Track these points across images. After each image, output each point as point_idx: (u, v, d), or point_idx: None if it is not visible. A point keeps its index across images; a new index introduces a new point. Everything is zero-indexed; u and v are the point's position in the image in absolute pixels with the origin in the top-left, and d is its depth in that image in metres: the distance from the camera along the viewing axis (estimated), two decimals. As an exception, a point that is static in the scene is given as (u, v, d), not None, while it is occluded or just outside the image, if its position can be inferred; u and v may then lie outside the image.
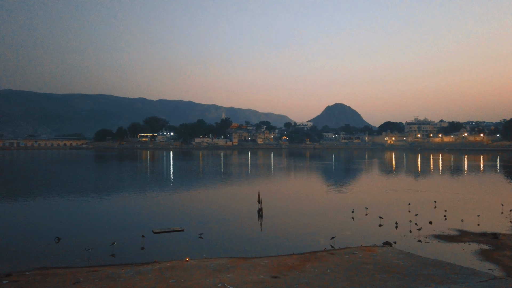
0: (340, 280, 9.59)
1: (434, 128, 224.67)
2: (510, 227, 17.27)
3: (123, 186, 34.93)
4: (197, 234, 16.21)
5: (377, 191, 31.16)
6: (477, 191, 31.53)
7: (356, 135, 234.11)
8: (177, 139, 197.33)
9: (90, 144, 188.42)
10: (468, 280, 9.31)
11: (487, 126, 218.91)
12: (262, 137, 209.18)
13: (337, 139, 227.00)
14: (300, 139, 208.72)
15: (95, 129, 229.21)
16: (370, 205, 22.36)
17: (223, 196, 29.07)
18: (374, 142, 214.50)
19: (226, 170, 53.92)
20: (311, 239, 15.63)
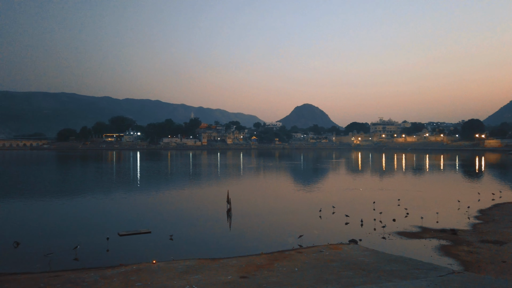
0: (308, 278, 9.74)
1: (398, 129, 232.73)
2: (467, 223, 18.16)
3: (87, 188, 33.81)
4: (165, 236, 15.96)
5: (343, 190, 31.89)
6: (437, 189, 32.95)
7: (324, 135, 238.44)
8: (145, 139, 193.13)
9: (52, 144, 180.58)
10: (428, 275, 9.70)
11: (447, 127, 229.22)
12: (231, 137, 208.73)
13: (305, 139, 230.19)
14: (269, 139, 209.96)
15: (58, 129, 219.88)
16: (337, 204, 22.84)
17: (192, 197, 28.78)
18: (341, 142, 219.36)
19: (195, 171, 53.40)
20: (280, 238, 15.78)
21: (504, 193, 28.35)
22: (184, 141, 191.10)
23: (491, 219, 18.58)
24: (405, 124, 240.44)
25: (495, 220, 18.42)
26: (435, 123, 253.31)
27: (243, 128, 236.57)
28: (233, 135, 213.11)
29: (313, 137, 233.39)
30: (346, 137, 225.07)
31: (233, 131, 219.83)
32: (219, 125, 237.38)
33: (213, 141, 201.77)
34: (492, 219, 18.58)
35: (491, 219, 18.72)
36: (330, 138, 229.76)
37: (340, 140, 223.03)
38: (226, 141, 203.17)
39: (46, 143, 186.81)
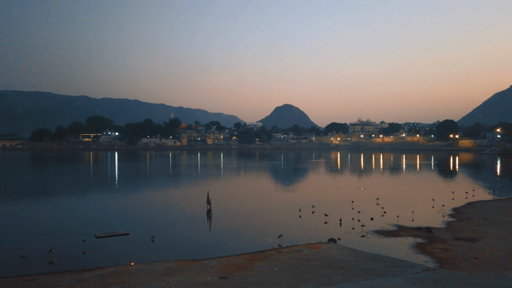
0: (287, 278, 9.80)
1: (376, 129, 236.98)
2: (442, 221, 18.67)
3: (62, 190, 32.96)
4: (144, 238, 15.74)
5: (323, 190, 32.23)
6: (414, 188, 33.74)
7: (304, 136, 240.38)
8: (123, 139, 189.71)
9: (26, 144, 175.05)
10: (405, 272, 9.92)
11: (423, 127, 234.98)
12: (212, 138, 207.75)
13: (286, 139, 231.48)
14: (250, 139, 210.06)
15: (32, 129, 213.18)
16: (316, 203, 23.06)
17: (172, 198, 28.49)
18: (320, 142, 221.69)
19: (175, 171, 52.87)
20: (260, 238, 15.81)
21: (476, 191, 29.28)
22: (163, 141, 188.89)
23: (465, 217, 19.15)
24: (383, 125, 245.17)
25: (468, 218, 18.99)
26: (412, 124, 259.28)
27: (224, 128, 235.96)
28: (213, 135, 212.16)
29: (293, 137, 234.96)
30: (326, 137, 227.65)
31: (213, 131, 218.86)
32: (199, 125, 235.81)
33: (193, 141, 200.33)
34: (466, 217, 19.15)
35: (464, 217, 19.29)
36: (310, 138, 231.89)
37: (320, 140, 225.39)
38: (207, 141, 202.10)
39: (19, 143, 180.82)
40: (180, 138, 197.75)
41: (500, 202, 24.11)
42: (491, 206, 22.40)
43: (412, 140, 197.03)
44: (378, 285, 8.44)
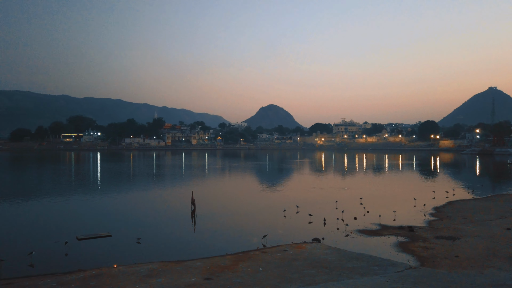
0: (272, 278, 9.82)
1: (359, 129, 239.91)
2: (424, 220, 19.02)
3: (43, 191, 32.24)
4: (127, 239, 15.54)
5: (307, 190, 32.43)
6: (396, 188, 34.29)
7: (288, 136, 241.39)
8: (106, 139, 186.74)
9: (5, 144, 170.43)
10: (387, 271, 10.06)
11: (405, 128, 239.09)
12: (196, 138, 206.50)
13: (270, 139, 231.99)
14: (235, 140, 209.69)
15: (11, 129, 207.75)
16: (301, 203, 23.19)
17: (155, 199, 28.21)
18: (305, 142, 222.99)
19: (158, 172, 52.36)
20: (245, 238, 15.81)
21: (457, 191, 29.95)
22: (147, 141, 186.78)
23: (445, 216, 19.56)
24: (366, 125, 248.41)
25: (448, 217, 19.40)
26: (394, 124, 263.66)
27: (208, 129, 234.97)
28: (198, 135, 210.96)
29: (278, 137, 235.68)
30: (310, 138, 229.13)
31: (198, 131, 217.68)
32: (183, 125, 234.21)
33: (178, 141, 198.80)
34: (446, 216, 19.56)
35: (445, 216, 19.70)
36: (295, 138, 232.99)
37: (304, 141, 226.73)
38: (191, 141, 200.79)
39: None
40: (164, 138, 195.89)
41: (479, 201, 24.72)
42: (470, 205, 22.95)
43: (395, 140, 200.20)
44: (361, 284, 8.54)
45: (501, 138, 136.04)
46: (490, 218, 18.61)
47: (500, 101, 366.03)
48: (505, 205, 22.40)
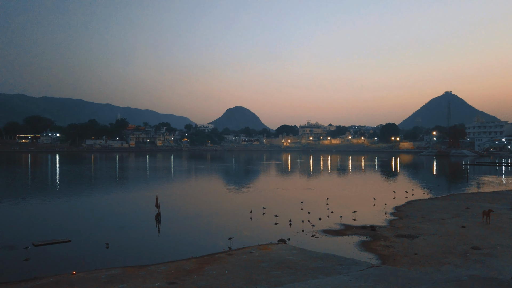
0: (237, 280, 9.76)
1: (324, 131, 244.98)
2: (385, 219, 19.64)
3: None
4: (87, 244, 14.94)
5: (274, 191, 32.64)
6: (359, 188, 35.22)
7: (255, 138, 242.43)
8: (65, 140, 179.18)
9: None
10: (350, 270, 10.28)
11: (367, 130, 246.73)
12: (161, 139, 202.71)
13: (237, 141, 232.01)
14: (201, 141, 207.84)
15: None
16: (267, 205, 23.28)
17: (118, 202, 27.35)
18: (271, 144, 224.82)
19: (121, 174, 50.87)
20: (211, 241, 15.64)
21: (416, 191, 31.20)
22: (109, 143, 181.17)
23: (405, 215, 20.30)
24: (331, 127, 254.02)
25: (408, 216, 20.15)
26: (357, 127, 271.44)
27: (174, 130, 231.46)
28: (163, 136, 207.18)
29: (244, 139, 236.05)
30: (277, 139, 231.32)
31: (163, 132, 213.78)
32: (148, 126, 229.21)
33: (142, 143, 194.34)
34: (406, 215, 20.31)
35: (404, 215, 20.45)
36: (261, 140, 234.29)
37: (271, 142, 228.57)
38: (156, 143, 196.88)
39: None
40: (128, 139, 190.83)
41: (436, 200, 25.87)
42: (428, 204, 23.96)
43: (358, 142, 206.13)
44: (325, 283, 8.67)
45: (456, 140, 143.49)
46: (446, 216, 19.51)
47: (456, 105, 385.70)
48: (460, 204, 23.58)
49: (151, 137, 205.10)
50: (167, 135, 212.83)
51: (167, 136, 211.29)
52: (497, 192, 30.19)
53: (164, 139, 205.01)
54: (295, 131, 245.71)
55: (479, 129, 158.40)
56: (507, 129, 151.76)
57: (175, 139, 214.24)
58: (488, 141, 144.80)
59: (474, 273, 10.32)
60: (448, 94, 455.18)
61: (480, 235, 15.28)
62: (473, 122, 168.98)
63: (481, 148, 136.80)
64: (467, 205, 22.75)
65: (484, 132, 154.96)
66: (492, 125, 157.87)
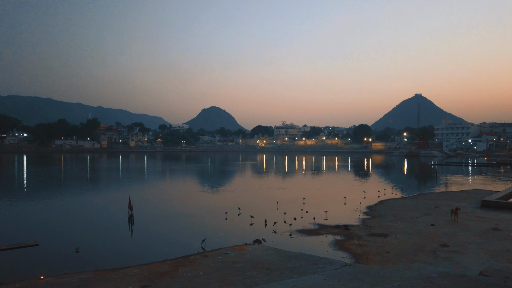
0: (213, 281, 9.68)
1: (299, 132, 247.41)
2: (358, 218, 20.00)
3: (-43, 198, 28.91)
4: (56, 248, 14.43)
5: (249, 191, 32.64)
6: (333, 188, 35.76)
7: (231, 138, 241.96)
8: (33, 141, 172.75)
9: None
10: (325, 269, 10.39)
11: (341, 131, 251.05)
12: (135, 139, 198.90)
13: (212, 141, 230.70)
14: (176, 142, 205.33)
15: None
16: (242, 205, 23.24)
17: (89, 204, 26.60)
18: (247, 144, 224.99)
19: (93, 176, 49.53)
20: (185, 243, 15.45)
21: (387, 190, 31.97)
22: (80, 143, 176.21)
23: (377, 215, 20.75)
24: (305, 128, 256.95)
25: (380, 215, 20.61)
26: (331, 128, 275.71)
27: (148, 130, 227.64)
28: (136, 137, 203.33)
29: (220, 139, 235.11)
30: (252, 140, 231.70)
31: (136, 133, 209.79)
32: (120, 126, 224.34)
33: (114, 143, 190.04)
34: (378, 214, 20.76)
35: (377, 214, 20.90)
36: (237, 140, 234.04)
37: (246, 143, 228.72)
38: (129, 143, 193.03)
39: None
40: (100, 140, 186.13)
41: (407, 199, 26.59)
42: (399, 203, 24.59)
43: (332, 143, 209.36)
44: (300, 283, 8.72)
45: (425, 141, 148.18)
46: (417, 215, 20.09)
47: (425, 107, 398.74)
48: (429, 203, 24.34)
49: (124, 137, 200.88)
50: (141, 135, 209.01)
51: (140, 136, 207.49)
52: (464, 191, 31.36)
53: (137, 140, 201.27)
54: (271, 132, 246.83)
55: (447, 130, 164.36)
56: (473, 130, 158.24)
57: (149, 139, 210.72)
58: (456, 142, 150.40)
59: (443, 270, 10.67)
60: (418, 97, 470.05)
61: (448, 233, 15.82)
62: (441, 124, 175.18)
63: (449, 149, 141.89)
64: (436, 204, 23.50)
65: (452, 134, 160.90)
66: (459, 127, 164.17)
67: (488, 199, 23.17)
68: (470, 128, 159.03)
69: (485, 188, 33.93)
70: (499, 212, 20.53)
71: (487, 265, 11.12)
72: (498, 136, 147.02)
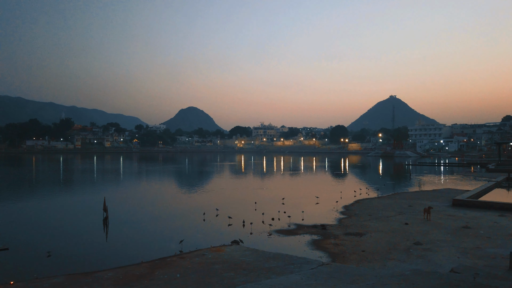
0: (190, 283, 9.59)
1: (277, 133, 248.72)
2: (335, 218, 20.27)
3: None
4: (27, 252, 13.94)
5: (227, 192, 32.53)
6: (311, 188, 36.09)
7: (209, 139, 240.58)
8: (3, 141, 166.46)
9: None
10: (302, 268, 10.48)
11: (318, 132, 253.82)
12: (110, 140, 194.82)
13: (190, 142, 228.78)
14: (152, 142, 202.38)
15: None
16: (221, 206, 23.14)
17: (63, 207, 25.85)
18: (225, 145, 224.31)
19: (66, 177, 48.19)
20: (162, 245, 15.24)
21: (363, 190, 32.54)
22: (53, 144, 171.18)
23: (353, 214, 21.09)
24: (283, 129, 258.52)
25: (356, 214, 20.95)
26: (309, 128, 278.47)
27: (124, 130, 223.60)
28: (112, 137, 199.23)
29: (198, 140, 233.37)
30: (230, 141, 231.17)
31: (112, 133, 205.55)
32: (95, 126, 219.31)
33: (89, 144, 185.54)
34: (354, 214, 21.10)
35: (353, 213, 21.24)
36: (215, 141, 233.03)
37: (225, 143, 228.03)
38: (104, 144, 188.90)
39: None
40: (74, 140, 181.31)
41: (382, 199, 27.15)
42: (375, 203, 25.07)
43: (309, 143, 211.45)
44: (277, 283, 8.76)
45: (400, 142, 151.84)
46: (391, 214, 20.54)
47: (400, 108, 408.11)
48: (403, 202, 24.94)
49: (99, 138, 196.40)
50: (116, 136, 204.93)
51: (116, 137, 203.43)
52: (436, 190, 32.30)
53: (113, 140, 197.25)
54: (249, 132, 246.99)
55: (421, 131, 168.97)
56: (445, 131, 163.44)
57: (125, 140, 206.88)
58: (429, 142, 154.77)
59: (416, 267, 10.95)
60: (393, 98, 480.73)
61: (421, 231, 16.25)
62: (415, 125, 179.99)
63: (422, 149, 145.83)
64: (410, 203, 24.10)
65: (425, 134, 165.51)
66: (432, 128, 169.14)
67: (459, 198, 23.96)
68: (442, 129, 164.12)
69: (456, 187, 35.06)
70: (469, 211, 21.26)
71: (458, 262, 11.50)
72: (469, 137, 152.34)
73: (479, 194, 26.92)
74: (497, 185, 34.28)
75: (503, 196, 29.50)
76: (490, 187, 31.05)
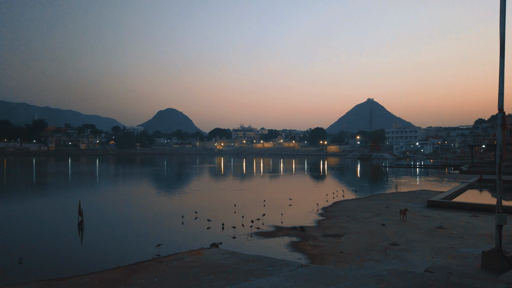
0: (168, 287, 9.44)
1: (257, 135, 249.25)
2: (314, 220, 20.42)
3: None
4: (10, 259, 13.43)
5: (206, 194, 32.31)
6: (290, 190, 36.29)
7: (188, 141, 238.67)
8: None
9: None
10: (281, 270, 10.49)
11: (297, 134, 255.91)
12: (85, 142, 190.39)
13: (169, 144, 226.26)
14: (130, 144, 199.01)
15: None
16: (200, 209, 22.94)
17: (35, 211, 25.04)
18: (205, 147, 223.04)
19: (39, 180, 46.75)
20: (139, 248, 14.96)
21: (341, 192, 32.96)
22: (25, 146, 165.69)
23: (332, 215, 21.31)
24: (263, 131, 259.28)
25: (335, 216, 21.18)
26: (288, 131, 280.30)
27: (100, 132, 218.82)
28: (87, 139, 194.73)
29: (177, 142, 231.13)
30: (210, 143, 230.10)
31: (87, 135, 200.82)
32: (70, 128, 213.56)
33: (63, 146, 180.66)
34: (333, 215, 21.32)
35: (332, 215, 21.46)
36: (194, 143, 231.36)
37: (204, 145, 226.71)
38: (80, 146, 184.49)
39: None
40: (47, 142, 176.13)
41: (360, 200, 27.57)
42: (353, 204, 25.42)
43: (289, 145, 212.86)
44: (256, 285, 8.73)
45: (377, 144, 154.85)
46: (369, 215, 20.87)
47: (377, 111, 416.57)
48: (381, 203, 25.39)
49: (74, 139, 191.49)
50: (92, 137, 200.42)
51: (92, 138, 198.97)
52: (412, 191, 33.05)
53: (88, 142, 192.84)
54: (228, 135, 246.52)
55: (397, 134, 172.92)
56: (421, 134, 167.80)
57: (101, 142, 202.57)
58: (405, 145, 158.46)
59: (392, 267, 11.14)
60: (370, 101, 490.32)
61: (398, 232, 16.57)
62: (392, 128, 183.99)
63: (399, 152, 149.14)
64: (386, 205, 24.55)
65: (401, 137, 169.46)
66: (408, 131, 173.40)
67: (434, 199, 24.60)
68: (418, 132, 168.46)
69: (431, 188, 35.98)
70: (444, 211, 21.86)
71: (432, 262, 11.78)
72: (443, 140, 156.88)
73: (452, 195, 27.71)
74: (470, 187, 35.40)
75: (476, 197, 30.49)
76: (463, 189, 32.03)
